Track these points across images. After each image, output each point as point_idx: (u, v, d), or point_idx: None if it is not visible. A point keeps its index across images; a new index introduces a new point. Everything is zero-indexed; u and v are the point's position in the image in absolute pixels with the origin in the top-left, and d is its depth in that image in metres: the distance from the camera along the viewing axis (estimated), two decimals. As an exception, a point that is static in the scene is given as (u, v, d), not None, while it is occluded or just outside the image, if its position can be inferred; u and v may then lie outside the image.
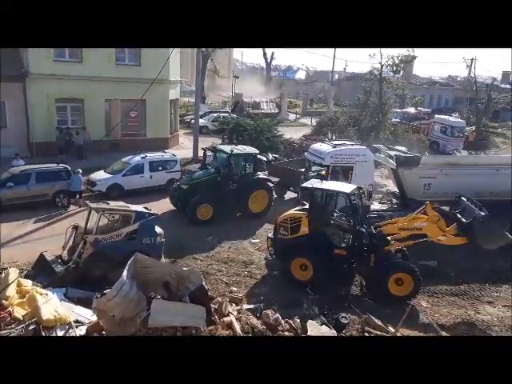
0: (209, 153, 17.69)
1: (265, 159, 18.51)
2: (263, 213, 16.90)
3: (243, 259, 13.54)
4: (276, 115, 41.30)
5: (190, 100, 40.53)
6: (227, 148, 17.07)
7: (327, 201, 12.28)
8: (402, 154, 16.88)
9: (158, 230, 12.21)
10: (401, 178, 16.31)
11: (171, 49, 21.14)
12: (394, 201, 17.76)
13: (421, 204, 12.52)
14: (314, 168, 17.15)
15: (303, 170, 18.30)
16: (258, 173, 17.16)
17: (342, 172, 16.16)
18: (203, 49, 39.83)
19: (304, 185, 12.79)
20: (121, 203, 12.69)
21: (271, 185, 17.37)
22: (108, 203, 12.20)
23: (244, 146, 18.13)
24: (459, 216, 12.00)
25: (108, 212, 11.85)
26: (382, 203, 18.32)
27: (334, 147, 16.95)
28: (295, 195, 18.07)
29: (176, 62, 26.28)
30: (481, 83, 45.21)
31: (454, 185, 15.61)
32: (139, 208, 12.33)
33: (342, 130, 29.01)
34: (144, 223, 11.76)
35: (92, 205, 11.81)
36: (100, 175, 18.49)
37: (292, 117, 44.92)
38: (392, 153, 17.21)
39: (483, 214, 11.42)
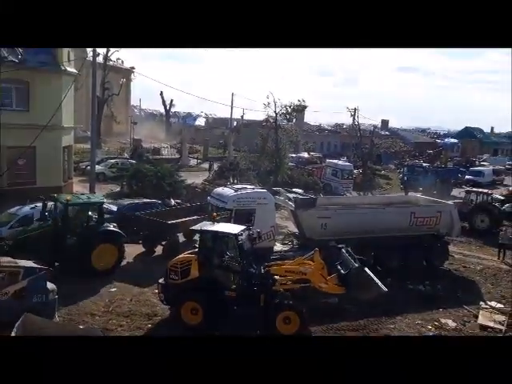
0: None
1: (115, 208, 17.08)
2: (111, 271, 15.09)
3: (146, 311, 12.93)
4: (177, 161, 41.32)
5: (85, 146, 38.95)
6: (64, 197, 15.60)
7: (216, 243, 12.28)
8: (300, 196, 17.73)
9: (50, 286, 11.27)
10: (299, 218, 17.07)
11: (63, 94, 20.37)
12: (295, 241, 18.46)
13: (319, 243, 13.12)
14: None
15: (173, 221, 17.44)
16: (106, 224, 15.50)
17: (245, 215, 16.45)
18: (99, 94, 39.09)
19: (193, 228, 12.81)
20: (7, 258, 11.57)
21: (121, 238, 15.44)
22: (-9, 259, 11.06)
23: (90, 195, 17.14)
24: (339, 267, 12.57)
25: (-9, 269, 10.71)
26: (284, 244, 18.93)
27: (236, 191, 17.25)
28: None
29: (70, 107, 25.27)
30: (364, 130, 49.78)
31: (348, 223, 16.70)
32: (28, 263, 11.31)
33: (243, 174, 29.87)
34: (34, 280, 10.79)
35: (-28, 262, 10.62)
36: (-18, 228, 16.72)
37: (193, 162, 45.22)
38: (290, 195, 18.03)
39: (357, 265, 12.15)
